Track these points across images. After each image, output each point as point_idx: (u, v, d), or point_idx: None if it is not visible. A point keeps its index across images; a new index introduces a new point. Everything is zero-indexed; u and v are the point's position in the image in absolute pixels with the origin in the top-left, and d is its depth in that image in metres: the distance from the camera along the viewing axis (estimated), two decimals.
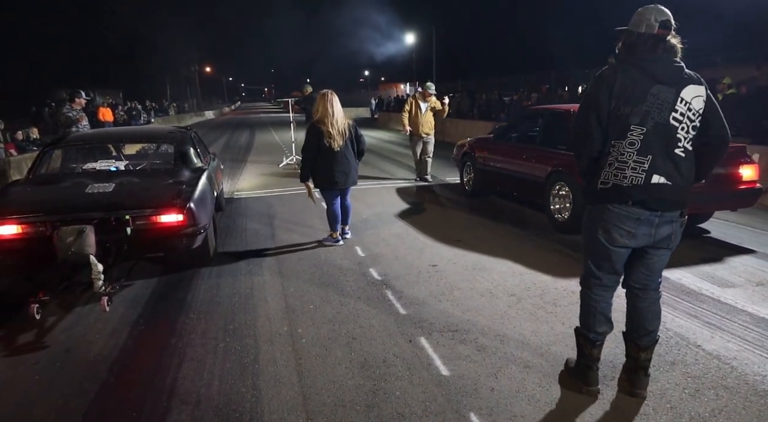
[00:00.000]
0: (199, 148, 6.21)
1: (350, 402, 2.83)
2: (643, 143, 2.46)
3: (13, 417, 2.84)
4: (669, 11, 2.53)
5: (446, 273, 4.77)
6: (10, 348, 3.67)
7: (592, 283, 2.72)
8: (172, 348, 3.53)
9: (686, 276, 4.54)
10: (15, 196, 4.73)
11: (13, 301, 4.38)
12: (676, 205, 2.53)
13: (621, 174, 2.50)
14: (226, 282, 4.73)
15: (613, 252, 2.60)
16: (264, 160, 13.95)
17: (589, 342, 2.76)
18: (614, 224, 2.54)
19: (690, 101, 2.47)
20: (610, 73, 2.53)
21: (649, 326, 2.73)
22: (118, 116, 24.37)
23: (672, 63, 2.51)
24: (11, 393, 3.06)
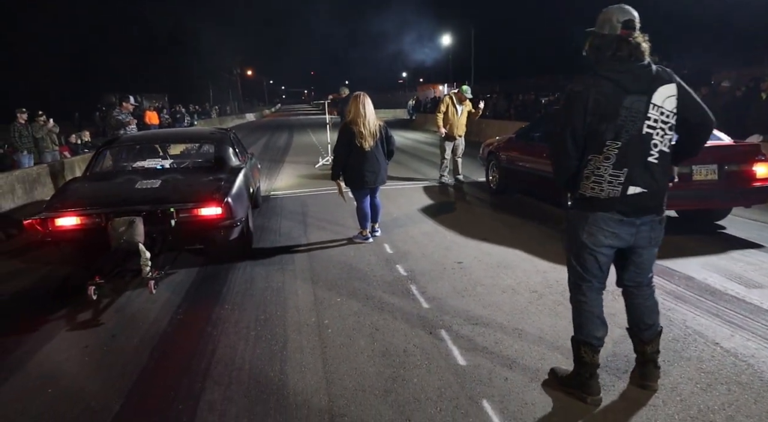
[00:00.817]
0: (237, 148, 6.59)
1: (370, 387, 3.00)
2: (619, 157, 2.51)
3: (65, 394, 3.12)
4: (633, 10, 2.56)
5: (471, 270, 4.89)
6: (71, 324, 4.07)
7: (584, 287, 2.75)
8: (207, 336, 3.78)
9: (712, 276, 4.53)
10: (74, 192, 5.17)
11: (73, 285, 4.91)
12: (653, 209, 2.61)
13: (598, 187, 2.57)
14: (260, 275, 4.97)
15: (599, 254, 2.65)
16: (301, 160, 14.29)
17: (591, 350, 2.77)
18: (598, 227, 2.61)
19: (662, 105, 2.51)
20: (583, 89, 2.54)
21: (647, 320, 2.79)
22: (163, 119, 25.26)
23: (640, 69, 2.52)
24: (65, 373, 3.35)
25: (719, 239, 5.69)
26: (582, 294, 2.76)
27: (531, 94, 22.11)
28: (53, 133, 13.01)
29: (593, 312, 2.76)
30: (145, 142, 7.11)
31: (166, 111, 29.07)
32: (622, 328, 2.96)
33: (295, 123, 38.47)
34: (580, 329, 2.79)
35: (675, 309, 3.89)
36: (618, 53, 2.55)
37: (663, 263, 4.82)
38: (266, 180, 10.80)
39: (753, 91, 9.57)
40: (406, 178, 10.48)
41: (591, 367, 2.78)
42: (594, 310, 2.76)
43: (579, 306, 2.79)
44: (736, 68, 15.16)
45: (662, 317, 3.56)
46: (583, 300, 2.77)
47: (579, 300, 2.79)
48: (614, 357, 3.19)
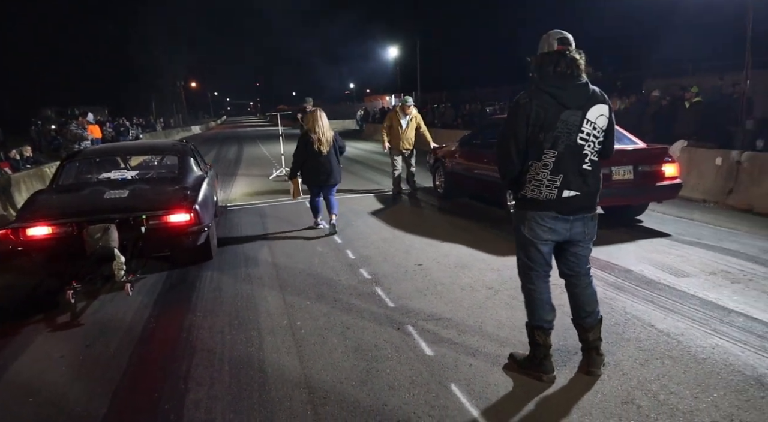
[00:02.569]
0: (198, 159, 6.71)
1: (346, 379, 3.24)
2: (555, 164, 2.87)
3: (48, 402, 3.20)
4: (567, 33, 2.94)
5: (430, 271, 5.19)
6: (46, 333, 4.19)
7: (532, 276, 3.09)
8: (183, 341, 3.92)
9: (647, 268, 5.01)
10: (43, 202, 5.26)
11: (47, 291, 5.19)
12: (585, 209, 2.98)
13: (537, 190, 2.93)
14: (227, 283, 5.12)
15: (540, 245, 3.01)
16: (254, 172, 14.33)
17: (543, 333, 3.10)
18: (537, 222, 2.97)
19: (595, 121, 2.88)
20: (527, 101, 2.87)
21: (587, 307, 3.12)
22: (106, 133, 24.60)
23: (579, 87, 2.88)
24: (45, 382, 3.42)
25: (643, 232, 6.36)
26: (531, 282, 3.10)
27: (477, 104, 22.84)
28: None
29: (542, 298, 3.10)
30: (109, 155, 7.25)
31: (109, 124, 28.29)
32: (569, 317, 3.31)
33: (242, 135, 38.16)
34: (532, 315, 3.13)
35: (616, 298, 4.31)
36: (558, 68, 2.88)
37: (604, 258, 5.28)
38: (221, 191, 10.84)
39: (678, 100, 10.40)
40: (361, 188, 10.75)
41: (544, 349, 3.12)
42: (543, 296, 3.10)
43: (529, 293, 3.13)
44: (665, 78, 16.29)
45: (605, 305, 3.99)
46: (532, 288, 3.11)
47: (529, 288, 3.12)
48: (565, 342, 3.54)
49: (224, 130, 55.12)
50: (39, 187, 8.74)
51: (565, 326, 3.59)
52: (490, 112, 20.93)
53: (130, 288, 4.65)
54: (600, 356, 3.16)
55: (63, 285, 4.71)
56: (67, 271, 5.10)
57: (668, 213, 7.26)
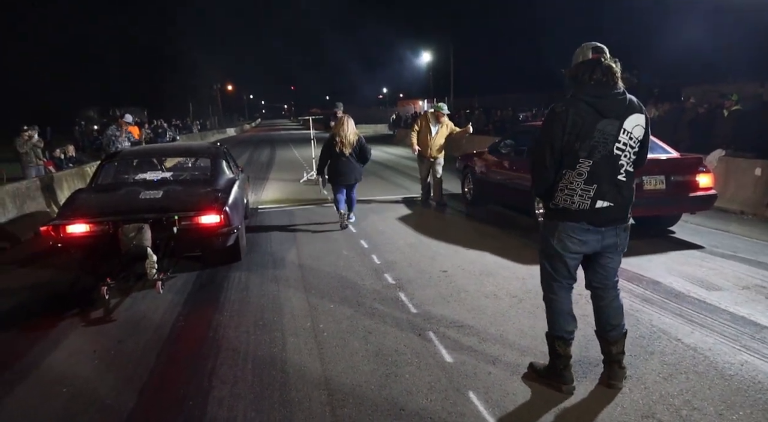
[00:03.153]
0: (230, 162, 6.89)
1: (366, 382, 3.28)
2: (590, 173, 2.84)
3: (80, 394, 3.33)
4: (601, 44, 2.93)
5: (455, 278, 5.20)
6: (80, 328, 4.35)
7: (554, 286, 3.07)
8: (210, 340, 4.02)
9: (677, 280, 4.91)
10: (83, 201, 5.47)
11: (82, 287, 5.35)
12: (619, 220, 2.94)
13: (570, 199, 2.90)
14: (254, 284, 5.22)
15: (567, 258, 2.98)
16: (285, 175, 14.53)
17: (564, 343, 3.08)
18: (567, 234, 2.94)
19: (631, 131, 2.85)
20: (563, 110, 2.86)
21: (613, 321, 3.08)
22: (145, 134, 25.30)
23: (615, 96, 2.86)
24: (77, 375, 3.56)
25: (675, 244, 6.21)
26: (553, 292, 3.08)
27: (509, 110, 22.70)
28: (38, 148, 13.10)
29: (564, 308, 3.07)
30: (145, 156, 7.48)
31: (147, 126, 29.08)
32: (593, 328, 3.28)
33: (276, 138, 38.68)
34: (553, 325, 3.11)
35: (642, 310, 4.24)
36: (594, 76, 2.87)
37: (632, 269, 5.20)
38: (253, 193, 11.03)
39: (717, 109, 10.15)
40: (390, 193, 10.81)
41: (564, 359, 3.09)
42: (564, 307, 3.07)
43: (551, 304, 3.11)
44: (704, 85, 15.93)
45: (631, 317, 3.94)
46: (554, 298, 3.09)
47: (550, 298, 3.11)
48: (587, 352, 3.51)
49: (258, 132, 55.96)
50: (80, 186, 9.08)
51: (587, 337, 3.56)
52: (522, 118, 20.75)
53: (161, 286, 4.79)
54: (622, 369, 3.12)
55: (98, 282, 4.86)
56: (102, 269, 5.28)
57: (703, 225, 7.09)
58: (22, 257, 6.63)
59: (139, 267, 4.91)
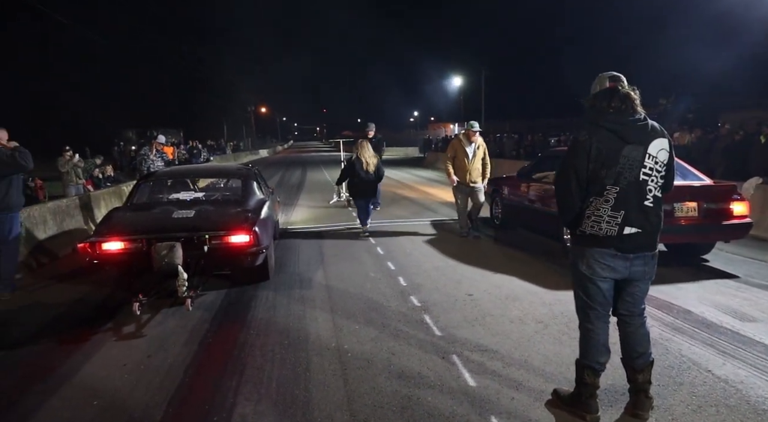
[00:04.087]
0: (260, 183, 7.04)
1: (388, 404, 3.29)
2: (617, 200, 2.84)
3: (110, 406, 3.42)
4: (618, 74, 2.97)
5: (481, 302, 5.18)
6: (111, 342, 4.47)
7: (591, 315, 3.03)
8: (236, 358, 4.08)
9: (709, 310, 4.79)
10: (118, 219, 5.66)
11: (115, 303, 5.51)
12: (647, 247, 2.91)
13: (597, 226, 2.89)
14: (281, 304, 5.29)
15: (599, 283, 2.96)
16: (316, 196, 14.72)
17: (593, 373, 3.04)
18: (595, 260, 2.93)
19: (656, 155, 2.85)
20: (586, 138, 2.88)
21: (639, 348, 3.03)
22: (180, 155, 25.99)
23: (636, 122, 2.86)
24: (108, 388, 3.66)
25: (708, 272, 6.07)
26: (590, 322, 3.04)
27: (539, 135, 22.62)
28: (78, 168, 13.60)
29: (599, 339, 3.03)
30: (179, 177, 7.71)
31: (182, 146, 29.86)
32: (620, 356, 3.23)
33: (307, 159, 39.23)
34: (585, 353, 3.07)
35: (672, 339, 4.15)
36: (613, 104, 2.90)
37: (663, 297, 5.10)
38: (283, 214, 11.20)
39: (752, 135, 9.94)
40: (418, 216, 10.85)
41: (591, 388, 3.05)
42: (599, 338, 3.03)
43: (586, 333, 3.07)
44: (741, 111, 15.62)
45: (659, 346, 3.87)
46: (590, 328, 3.05)
47: (587, 327, 3.07)
48: (613, 381, 3.45)
49: (290, 154, 56.84)
50: (117, 204, 9.38)
51: (613, 365, 3.49)
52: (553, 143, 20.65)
53: (190, 303, 4.91)
54: (648, 399, 3.05)
55: (130, 297, 5.02)
56: (135, 285, 5.43)
57: (738, 254, 6.91)
58: (60, 272, 6.85)
59: (170, 284, 5.05)
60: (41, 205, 8.80)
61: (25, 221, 7.40)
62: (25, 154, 5.68)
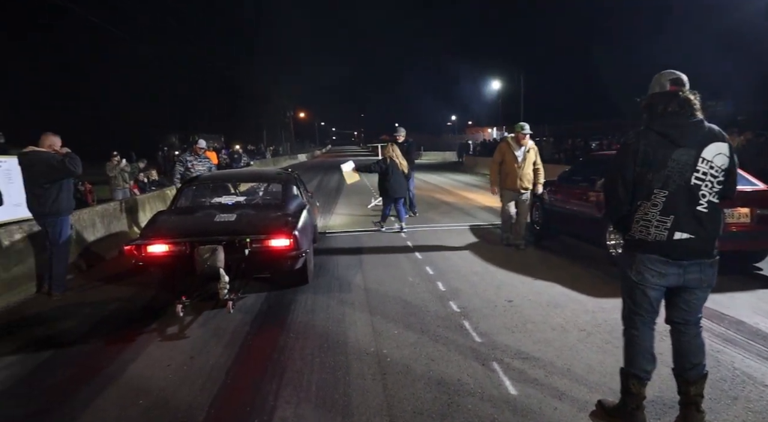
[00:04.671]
0: (300, 187, 7.11)
1: (427, 410, 3.26)
2: (666, 204, 2.74)
3: (155, 405, 3.50)
4: (681, 74, 2.85)
5: (521, 308, 5.09)
6: (156, 343, 4.57)
7: (637, 322, 2.94)
8: (275, 361, 4.12)
9: (764, 321, 4.59)
10: (163, 223, 5.79)
11: (159, 304, 5.62)
12: (701, 254, 2.78)
13: (645, 230, 2.80)
14: (320, 307, 5.32)
15: (648, 289, 2.85)
16: (354, 200, 14.79)
17: (639, 382, 2.94)
18: (645, 266, 2.83)
19: (712, 160, 2.72)
20: (634, 141, 2.81)
21: (693, 359, 2.90)
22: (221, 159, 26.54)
23: (691, 125, 2.76)
24: (153, 387, 3.74)
25: (762, 281, 5.85)
26: (635, 328, 2.95)
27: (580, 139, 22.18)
28: (125, 172, 14.03)
29: (644, 346, 2.94)
30: (221, 181, 7.88)
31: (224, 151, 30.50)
32: (669, 367, 3.12)
33: None
34: (630, 362, 2.97)
35: (724, 351, 3.99)
36: (669, 108, 2.80)
37: (713, 306, 4.91)
38: (321, 218, 11.29)
39: None
40: (457, 220, 10.77)
41: (637, 399, 2.95)
42: (645, 345, 2.94)
43: (631, 339, 2.98)
44: None
45: (710, 358, 3.70)
46: (635, 334, 2.95)
47: (632, 334, 2.97)
48: (661, 393, 3.33)
49: (328, 158, 57.30)
50: (161, 208, 9.63)
51: (662, 376, 3.39)
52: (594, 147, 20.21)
53: (231, 306, 4.98)
54: (700, 413, 2.93)
55: (173, 299, 5.15)
56: (178, 287, 5.56)
57: None
58: (107, 274, 7.07)
59: (211, 287, 5.14)
60: (90, 208, 9.12)
61: (75, 224, 7.67)
62: (74, 159, 5.88)
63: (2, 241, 6.15)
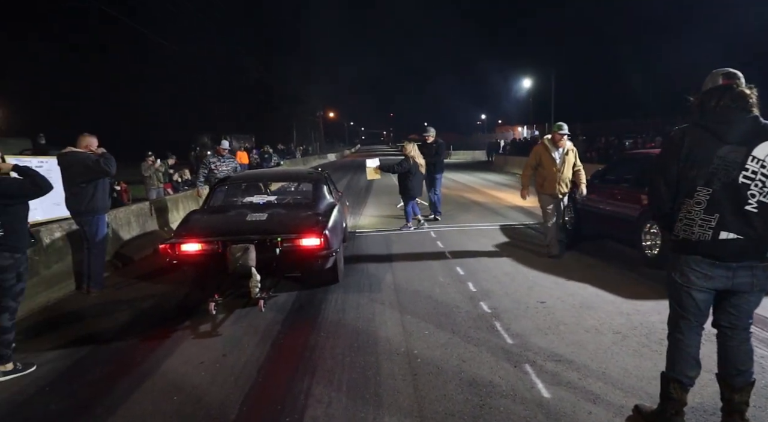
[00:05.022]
0: (330, 187, 7.16)
1: (459, 412, 3.23)
2: (710, 203, 2.62)
3: (188, 401, 3.55)
4: (734, 70, 2.73)
5: (553, 310, 5.01)
6: (189, 340, 4.65)
7: (682, 325, 2.84)
8: (306, 360, 4.14)
9: None
10: (196, 222, 5.89)
11: (192, 302, 5.73)
12: (753, 256, 2.64)
13: (689, 229, 2.70)
14: (351, 307, 5.33)
15: (694, 292, 2.75)
16: (383, 200, 14.79)
17: (680, 387, 2.85)
18: (690, 267, 2.73)
19: (763, 158, 2.57)
20: (679, 136, 2.72)
21: (740, 366, 2.80)
22: (252, 159, 26.87)
23: (743, 121, 2.63)
24: (186, 384, 3.80)
25: None
26: (680, 331, 2.86)
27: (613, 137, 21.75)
28: (159, 172, 14.32)
29: (689, 351, 2.84)
30: (252, 181, 7.99)
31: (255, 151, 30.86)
32: (711, 373, 3.02)
33: None
34: (673, 366, 2.88)
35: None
36: (721, 102, 2.69)
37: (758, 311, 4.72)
38: (351, 218, 11.32)
39: None
40: (487, 220, 10.68)
41: (678, 405, 2.87)
42: (690, 349, 2.84)
43: (675, 343, 2.89)
44: None
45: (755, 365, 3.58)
46: (680, 338, 2.86)
47: (676, 337, 2.88)
48: (701, 400, 3.24)
49: (357, 158, 57.47)
50: (194, 207, 9.79)
51: (702, 381, 3.28)
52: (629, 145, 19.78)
53: (263, 304, 5.03)
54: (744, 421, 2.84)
55: (206, 297, 5.22)
56: (210, 285, 5.64)
57: None
58: (142, 272, 7.22)
59: (242, 285, 5.20)
60: (126, 207, 9.34)
61: (112, 222, 7.86)
62: (109, 159, 6.02)
63: (43, 239, 6.33)
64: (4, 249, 3.95)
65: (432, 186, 10.72)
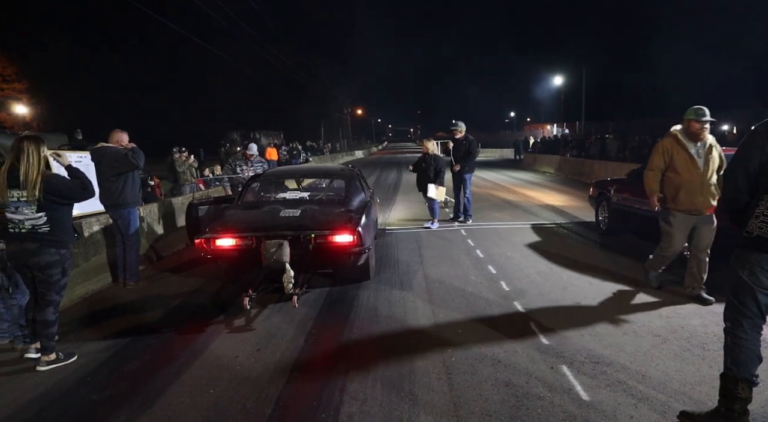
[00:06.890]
0: (362, 184, 7.16)
1: (495, 413, 3.19)
2: None
3: (225, 394, 3.59)
4: None
5: (589, 311, 4.92)
6: (225, 334, 4.70)
7: (744, 324, 2.76)
8: (340, 356, 4.15)
9: None
10: (230, 217, 5.94)
11: (227, 297, 5.80)
12: None
13: (766, 227, 2.60)
14: (383, 304, 5.32)
15: (759, 293, 2.67)
16: (411, 197, 14.73)
17: (749, 386, 2.77)
18: (761, 267, 2.63)
19: None
20: (763, 130, 2.63)
21: None
22: (281, 155, 27.11)
23: None
24: (222, 378, 3.84)
25: None
26: (743, 331, 2.78)
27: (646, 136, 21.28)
28: (192, 168, 14.55)
29: (753, 349, 2.77)
30: (285, 177, 8.05)
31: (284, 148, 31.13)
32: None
33: (402, 160, 39.40)
34: (738, 365, 2.79)
35: None
36: None
37: None
38: (380, 215, 11.31)
39: None
40: (518, 219, 10.57)
41: (743, 403, 2.80)
42: (754, 348, 2.77)
43: (738, 342, 2.80)
44: None
45: None
46: (744, 337, 2.78)
47: (738, 336, 2.80)
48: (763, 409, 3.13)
49: (384, 155, 57.54)
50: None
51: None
52: None
53: (296, 300, 5.06)
54: None
55: (240, 292, 5.27)
56: (244, 280, 5.69)
57: None
58: (176, 265, 7.34)
59: (275, 280, 5.23)
60: (159, 202, 9.48)
61: (146, 217, 8.00)
62: (137, 153, 6.12)
63: (83, 232, 6.48)
64: (51, 246, 4.05)
65: (461, 187, 10.04)
